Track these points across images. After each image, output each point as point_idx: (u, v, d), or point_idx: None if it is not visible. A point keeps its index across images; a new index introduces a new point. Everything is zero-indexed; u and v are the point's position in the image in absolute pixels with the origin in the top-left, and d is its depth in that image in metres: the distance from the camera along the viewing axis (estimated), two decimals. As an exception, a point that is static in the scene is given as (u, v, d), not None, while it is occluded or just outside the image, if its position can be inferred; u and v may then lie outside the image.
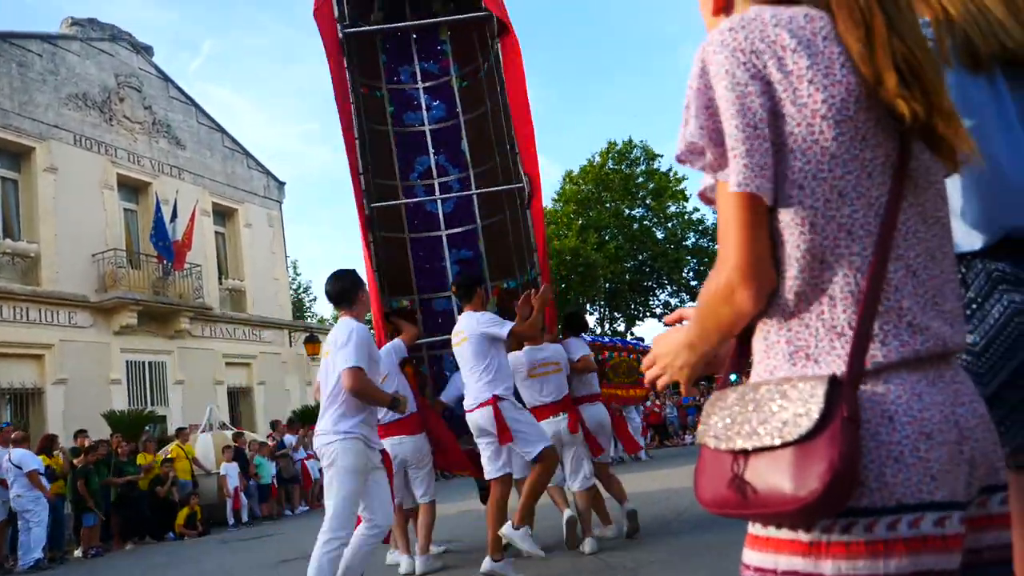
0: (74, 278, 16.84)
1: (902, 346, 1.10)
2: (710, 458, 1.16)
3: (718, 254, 1.16)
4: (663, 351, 1.36)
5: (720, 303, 1.16)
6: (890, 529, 1.05)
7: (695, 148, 1.18)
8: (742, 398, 1.14)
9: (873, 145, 1.12)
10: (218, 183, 21.79)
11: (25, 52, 17.12)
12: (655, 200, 35.78)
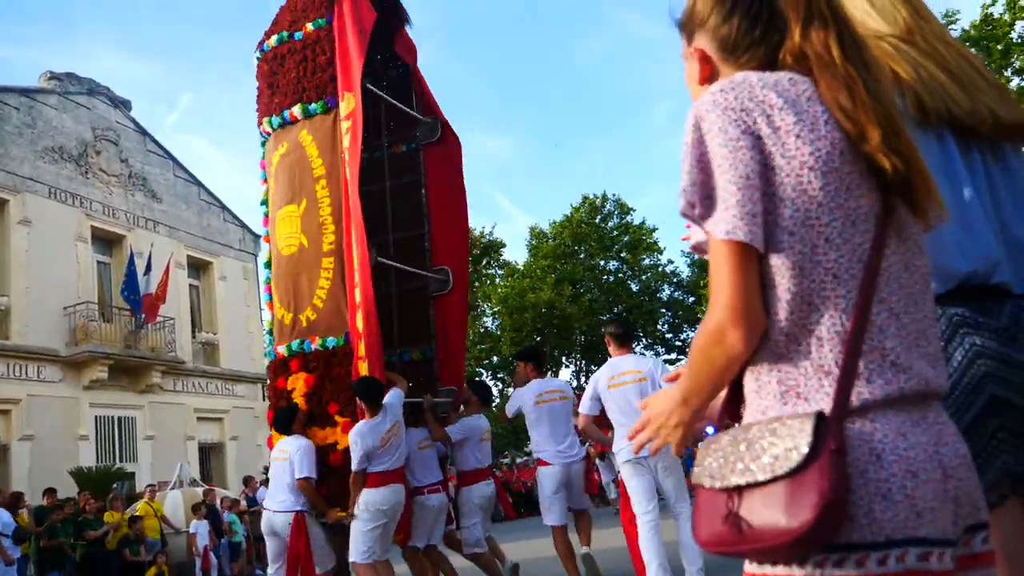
0: (44, 331, 16.59)
1: (887, 384, 1.15)
2: (706, 498, 1.19)
3: (710, 301, 1.21)
4: (655, 412, 1.37)
5: (712, 345, 1.20)
6: (880, 564, 1.09)
7: (690, 202, 1.23)
8: (734, 439, 1.18)
9: (857, 196, 1.19)
10: (193, 236, 21.71)
11: (2, 105, 17.11)
12: (630, 253, 36.15)
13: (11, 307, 16.20)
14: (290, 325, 6.31)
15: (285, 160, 6.57)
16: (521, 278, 33.75)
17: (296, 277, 6.37)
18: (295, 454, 5.73)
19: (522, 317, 31.51)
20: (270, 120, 6.66)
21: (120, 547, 12.20)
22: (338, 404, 6.01)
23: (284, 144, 6.61)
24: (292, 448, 5.76)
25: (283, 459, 5.81)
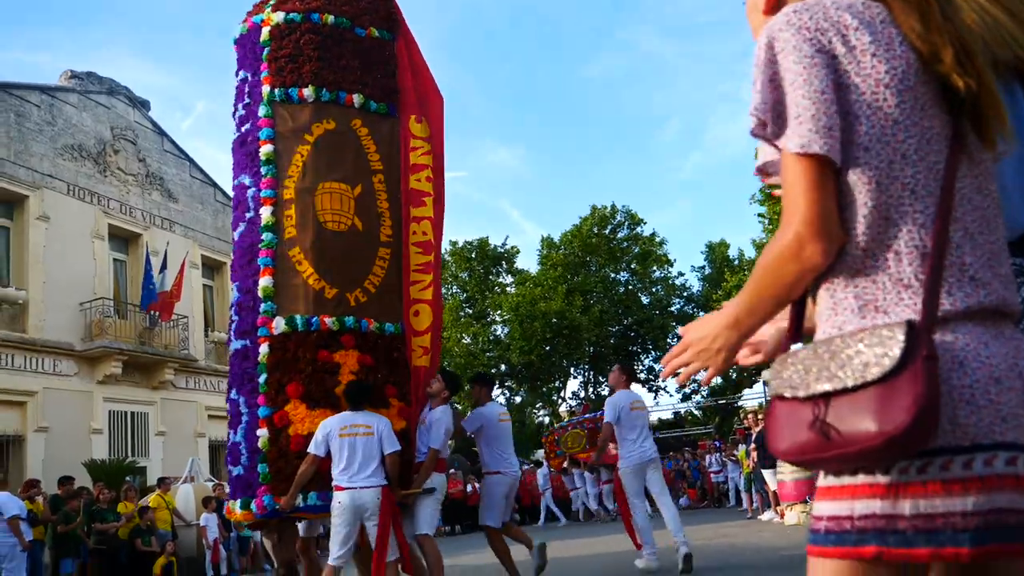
0: (61, 326, 16.76)
1: (967, 297, 1.19)
2: (785, 410, 1.22)
3: (782, 218, 1.24)
4: (698, 335, 1.37)
5: (787, 261, 1.21)
6: (965, 468, 1.11)
7: (761, 122, 1.26)
8: (814, 351, 1.21)
9: (931, 115, 1.22)
10: (208, 236, 21.89)
11: (23, 102, 17.36)
12: (640, 265, 36.16)
13: (28, 301, 16.38)
14: (333, 299, 6.36)
15: (334, 137, 6.72)
16: (533, 287, 33.80)
17: (345, 254, 6.52)
18: (384, 429, 5.84)
19: (532, 326, 31.56)
20: (317, 90, 6.73)
21: (131, 537, 12.32)
22: (395, 388, 6.33)
23: (331, 121, 6.76)
24: (377, 423, 5.84)
25: (368, 434, 5.76)
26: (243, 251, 6.45)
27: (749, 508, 14.55)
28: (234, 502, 6.02)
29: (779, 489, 11.90)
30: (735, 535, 10.79)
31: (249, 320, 6.24)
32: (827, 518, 1.20)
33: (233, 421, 6.22)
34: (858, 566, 1.16)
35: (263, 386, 5.99)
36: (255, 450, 5.89)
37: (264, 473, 5.80)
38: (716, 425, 33.91)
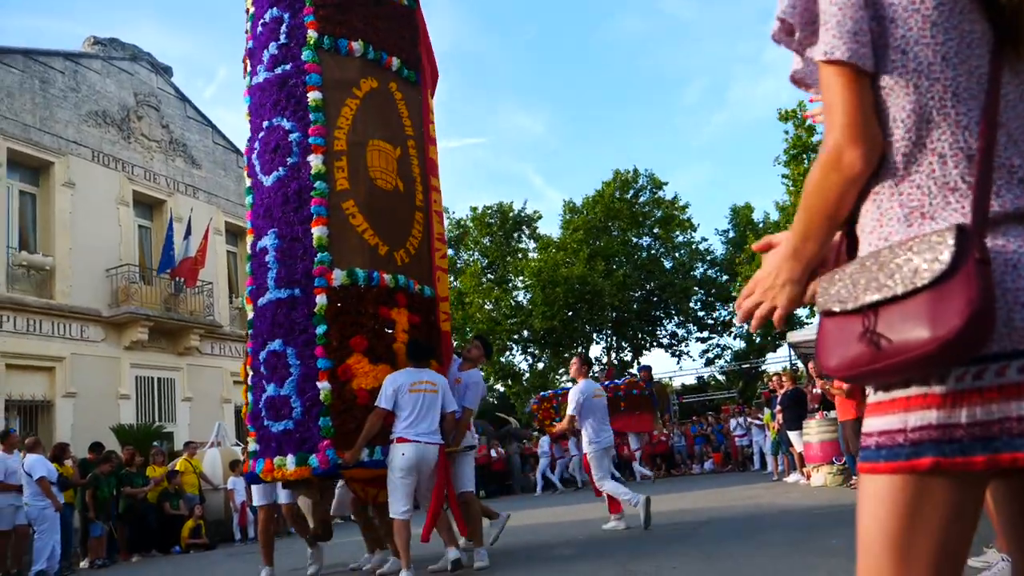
0: (87, 292, 16.92)
1: (1016, 199, 1.14)
2: (834, 324, 1.18)
3: (825, 131, 1.20)
4: (763, 274, 1.35)
5: (829, 171, 1.18)
6: (1021, 372, 1.08)
7: (786, 27, 1.22)
8: (861, 265, 1.17)
9: (971, 20, 1.17)
10: (231, 203, 21.92)
11: (48, 69, 17.38)
12: (662, 229, 35.88)
13: (55, 268, 16.53)
14: (385, 256, 6.38)
15: (378, 98, 6.73)
16: (555, 252, 33.66)
17: (392, 214, 6.58)
18: (446, 388, 6.04)
19: (554, 291, 31.48)
20: (365, 45, 6.71)
21: (160, 501, 12.50)
22: (432, 349, 6.41)
23: (374, 80, 6.76)
24: (441, 381, 6.02)
25: (433, 391, 5.90)
26: (284, 196, 6.23)
27: (775, 471, 14.48)
28: (282, 458, 5.71)
29: (805, 451, 11.82)
30: (761, 496, 10.75)
31: (297, 269, 6.06)
32: (878, 433, 1.17)
33: (273, 374, 5.92)
34: (910, 480, 1.13)
35: (322, 338, 5.88)
36: (314, 403, 5.75)
37: (327, 427, 5.69)
38: (740, 389, 33.81)
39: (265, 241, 6.24)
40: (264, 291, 6.14)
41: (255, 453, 5.96)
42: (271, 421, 5.85)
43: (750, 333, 35.62)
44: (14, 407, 15.27)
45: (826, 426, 11.33)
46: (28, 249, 16.39)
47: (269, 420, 5.86)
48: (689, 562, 5.52)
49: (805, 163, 25.60)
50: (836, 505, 8.33)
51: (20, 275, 15.95)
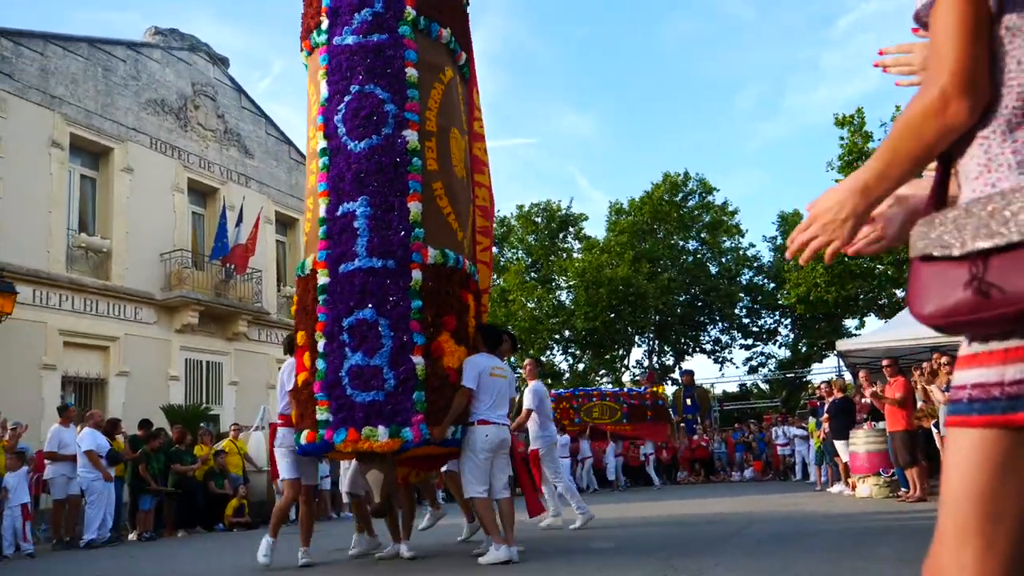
0: (142, 275, 17.33)
1: None
2: (933, 271, 1.16)
3: (929, 73, 1.17)
4: (823, 207, 1.31)
5: (930, 117, 1.15)
6: None
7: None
8: (967, 211, 1.14)
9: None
10: (282, 193, 22.29)
11: (110, 57, 17.84)
12: (710, 234, 35.55)
13: (112, 250, 16.96)
14: (460, 241, 6.51)
15: (452, 88, 6.85)
16: (600, 253, 33.54)
17: (464, 202, 6.77)
18: (512, 377, 6.36)
19: (598, 292, 31.38)
20: (450, 34, 6.85)
21: (206, 479, 12.76)
22: None
23: (451, 70, 6.90)
24: (508, 370, 6.34)
25: (504, 377, 6.18)
26: (379, 165, 6.16)
27: (818, 481, 14.26)
28: (372, 429, 5.61)
29: (851, 461, 11.61)
30: (804, 504, 10.60)
31: (392, 240, 6.00)
32: (971, 386, 1.14)
33: (360, 343, 5.78)
34: (1004, 435, 1.10)
35: (416, 313, 5.88)
36: (409, 377, 5.73)
37: (420, 402, 5.70)
38: (783, 399, 33.33)
39: (353, 207, 6.06)
40: (351, 257, 5.98)
41: (328, 423, 5.73)
42: (356, 391, 5.71)
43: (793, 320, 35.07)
44: (70, 383, 15.73)
45: (874, 436, 11.13)
46: (87, 231, 16.84)
47: (354, 390, 5.72)
48: (731, 560, 5.48)
49: (859, 170, 25.17)
50: (883, 515, 8.18)
51: (79, 256, 16.40)
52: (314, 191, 6.37)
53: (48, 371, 15.08)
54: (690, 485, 20.20)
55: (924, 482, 9.81)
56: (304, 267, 6.31)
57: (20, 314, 14.18)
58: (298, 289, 6.44)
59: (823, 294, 27.38)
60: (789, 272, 28.95)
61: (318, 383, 5.83)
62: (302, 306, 6.28)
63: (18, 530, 9.95)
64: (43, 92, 15.99)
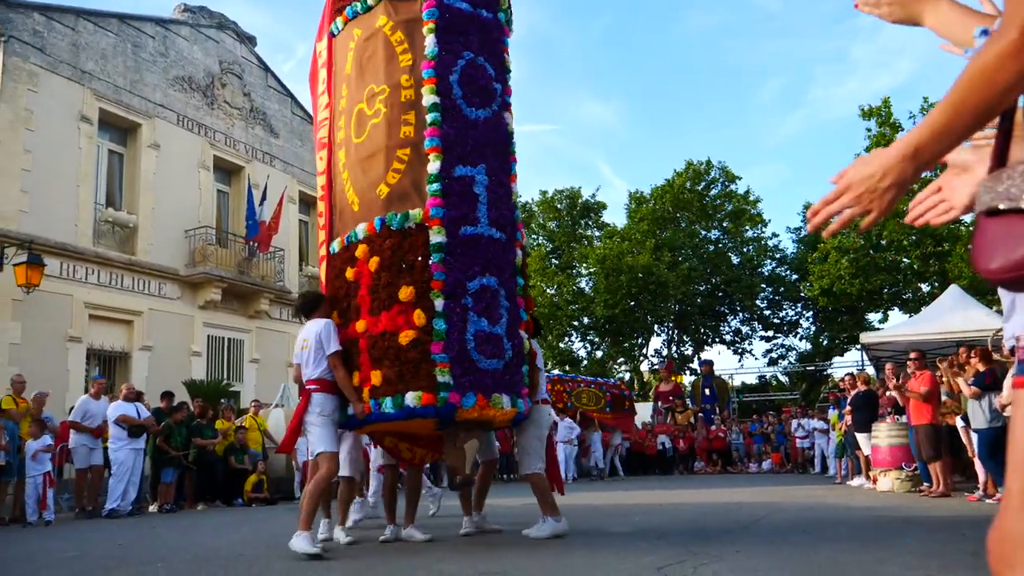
0: (167, 251, 17.48)
1: None
2: (1000, 224, 1.12)
3: (1004, 18, 1.11)
4: (860, 175, 1.23)
5: (1007, 59, 1.09)
6: None
7: None
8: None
9: None
10: (306, 172, 22.33)
11: (140, 33, 17.93)
12: (732, 223, 35.28)
13: (138, 225, 17.11)
14: None
15: None
16: (620, 240, 33.40)
17: None
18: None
19: (618, 280, 31.27)
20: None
21: (226, 454, 12.89)
22: None
23: None
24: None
25: None
26: (494, 140, 6.16)
27: (838, 474, 14.17)
28: (499, 396, 5.59)
29: (872, 454, 11.52)
30: (823, 496, 10.54)
31: (503, 214, 6.05)
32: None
33: (485, 310, 5.71)
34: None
35: (521, 290, 6.09)
36: (519, 350, 5.86)
37: (525, 375, 5.96)
38: (803, 392, 33.12)
39: (472, 172, 5.96)
40: (472, 222, 5.86)
41: (450, 386, 5.48)
42: (482, 356, 5.61)
43: (815, 313, 34.77)
44: (95, 356, 15.92)
45: (897, 430, 11.03)
46: (114, 206, 16.99)
47: (479, 355, 5.60)
48: (752, 547, 5.44)
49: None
50: (906, 509, 8.11)
51: (106, 231, 16.56)
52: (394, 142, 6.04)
53: (74, 343, 15.27)
54: (707, 475, 20.15)
55: (948, 477, 9.71)
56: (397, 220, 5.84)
57: (48, 286, 14.37)
58: (385, 243, 5.84)
59: (847, 287, 27.12)
60: (813, 264, 28.68)
61: (438, 343, 5.52)
62: (394, 260, 5.77)
63: (40, 498, 10.11)
64: (73, 67, 16.10)
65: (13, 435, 10.50)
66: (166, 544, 7.27)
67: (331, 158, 6.68)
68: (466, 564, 4.88)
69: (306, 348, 5.87)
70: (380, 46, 6.32)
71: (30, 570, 5.70)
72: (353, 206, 6.21)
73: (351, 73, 6.50)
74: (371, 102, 6.25)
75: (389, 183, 5.99)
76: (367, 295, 5.81)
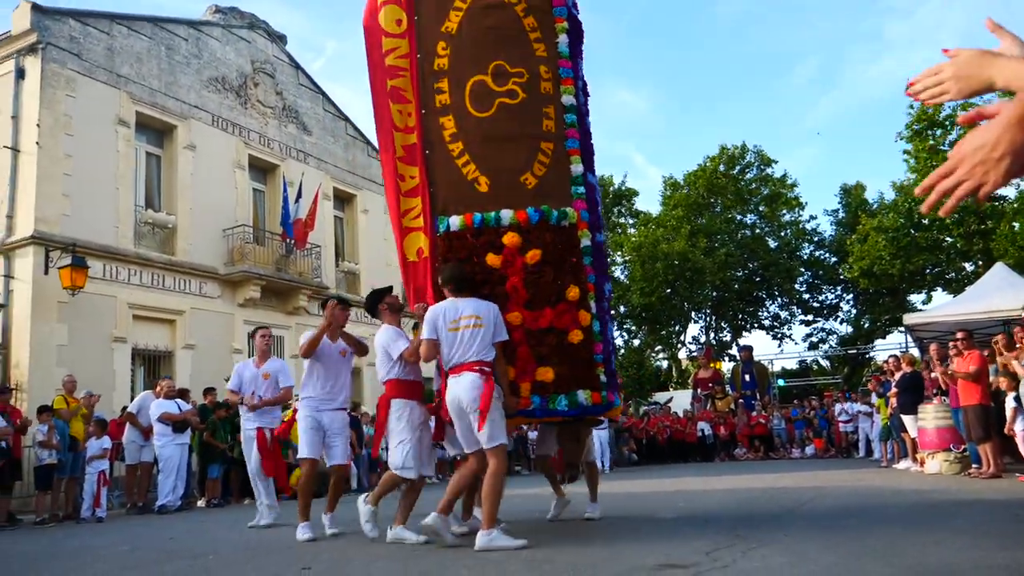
0: (206, 250, 17.72)
1: None
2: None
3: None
4: (972, 146, 1.19)
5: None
6: None
7: None
8: None
9: None
10: (339, 169, 22.53)
11: (172, 36, 18.15)
12: (768, 207, 34.83)
13: (177, 226, 17.36)
14: None
15: None
16: (655, 228, 33.15)
17: None
18: None
19: (653, 267, 31.06)
20: None
21: (270, 449, 13.04)
22: None
23: None
24: None
25: None
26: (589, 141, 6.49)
27: (884, 458, 13.94)
28: (616, 395, 6.03)
29: (920, 436, 11.31)
30: (870, 480, 10.37)
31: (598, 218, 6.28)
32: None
33: (604, 314, 6.03)
34: None
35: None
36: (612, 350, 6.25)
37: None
38: (845, 376, 32.64)
39: (594, 181, 6.34)
40: (599, 229, 6.23)
41: (606, 385, 5.77)
42: (612, 357, 6.18)
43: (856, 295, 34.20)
44: (139, 356, 16.21)
45: (943, 411, 10.81)
46: (153, 208, 17.26)
47: (611, 355, 6.13)
48: (800, 531, 5.38)
49: (930, 139, 24.32)
50: (956, 491, 7.95)
51: (146, 232, 16.83)
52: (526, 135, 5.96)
53: (119, 343, 15.55)
54: (748, 461, 19.96)
55: (998, 458, 9.50)
56: (555, 216, 5.78)
57: (92, 288, 14.66)
58: (546, 237, 5.70)
59: (887, 267, 26.63)
60: (852, 245, 28.21)
61: (598, 344, 5.76)
62: (557, 257, 5.69)
63: (95, 495, 10.35)
64: (109, 71, 16.36)
65: (64, 434, 10.78)
66: (215, 537, 7.40)
67: (422, 119, 6.09)
68: (512, 553, 4.87)
69: (475, 327, 5.20)
70: (510, 22, 6.07)
71: (86, 563, 5.83)
72: (479, 185, 5.83)
73: (458, 35, 6.07)
74: (500, 79, 5.96)
75: (536, 175, 5.87)
76: (522, 287, 5.60)
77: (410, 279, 6.01)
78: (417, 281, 5.94)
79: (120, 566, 5.51)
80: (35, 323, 14.15)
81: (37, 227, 14.42)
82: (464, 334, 5.20)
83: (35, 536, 8.78)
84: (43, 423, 10.45)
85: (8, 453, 10.08)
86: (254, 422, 8.22)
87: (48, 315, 14.36)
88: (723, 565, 3.95)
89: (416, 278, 5.95)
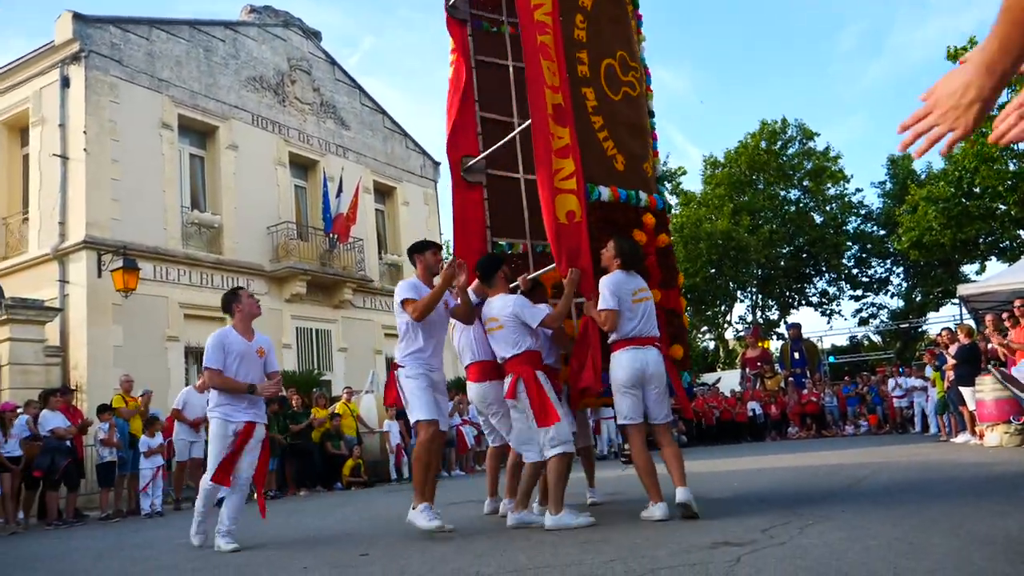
0: (251, 248, 18.01)
1: None
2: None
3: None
4: (944, 92, 1.20)
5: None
6: None
7: None
8: None
9: None
10: (379, 162, 22.69)
11: (210, 38, 18.42)
12: (813, 182, 34.18)
13: (223, 225, 17.67)
14: None
15: None
16: (698, 207, 32.78)
17: None
18: None
19: (697, 247, 30.74)
20: None
21: (322, 441, 13.25)
22: None
23: None
24: None
25: None
26: None
27: (942, 431, 13.64)
28: None
29: (978, 409, 11.04)
30: (928, 454, 10.16)
31: None
32: None
33: None
34: None
35: None
36: None
37: None
38: (897, 351, 31.99)
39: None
40: None
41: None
42: None
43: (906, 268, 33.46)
44: (191, 353, 16.55)
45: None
46: (199, 208, 17.59)
47: None
48: (858, 506, 5.28)
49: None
50: (1017, 463, 7.75)
51: (193, 233, 17.16)
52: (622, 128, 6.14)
53: (172, 342, 15.91)
54: (801, 440, 19.70)
55: (1062, 428, 9.23)
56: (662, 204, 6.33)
57: (144, 289, 15.01)
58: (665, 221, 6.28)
59: (938, 238, 25.97)
60: (901, 216, 27.58)
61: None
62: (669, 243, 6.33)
63: (151, 490, 10.58)
64: (151, 76, 16.67)
65: (123, 432, 11.05)
66: (273, 527, 7.53)
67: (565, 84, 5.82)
68: (566, 534, 4.88)
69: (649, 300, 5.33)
70: (624, 17, 6.55)
71: (153, 554, 5.99)
72: (616, 163, 5.96)
73: (593, 13, 6.14)
74: (624, 69, 6.24)
75: (653, 164, 6.40)
76: (657, 267, 5.93)
77: (562, 241, 5.61)
78: (570, 243, 5.59)
79: (185, 557, 5.65)
80: (91, 325, 14.54)
81: (88, 232, 14.79)
82: (646, 306, 5.28)
83: (101, 532, 9.04)
84: (104, 422, 10.73)
85: (73, 452, 10.38)
86: (244, 413, 5.91)
87: (103, 317, 14.73)
88: (780, 542, 3.90)
89: (568, 240, 5.60)
